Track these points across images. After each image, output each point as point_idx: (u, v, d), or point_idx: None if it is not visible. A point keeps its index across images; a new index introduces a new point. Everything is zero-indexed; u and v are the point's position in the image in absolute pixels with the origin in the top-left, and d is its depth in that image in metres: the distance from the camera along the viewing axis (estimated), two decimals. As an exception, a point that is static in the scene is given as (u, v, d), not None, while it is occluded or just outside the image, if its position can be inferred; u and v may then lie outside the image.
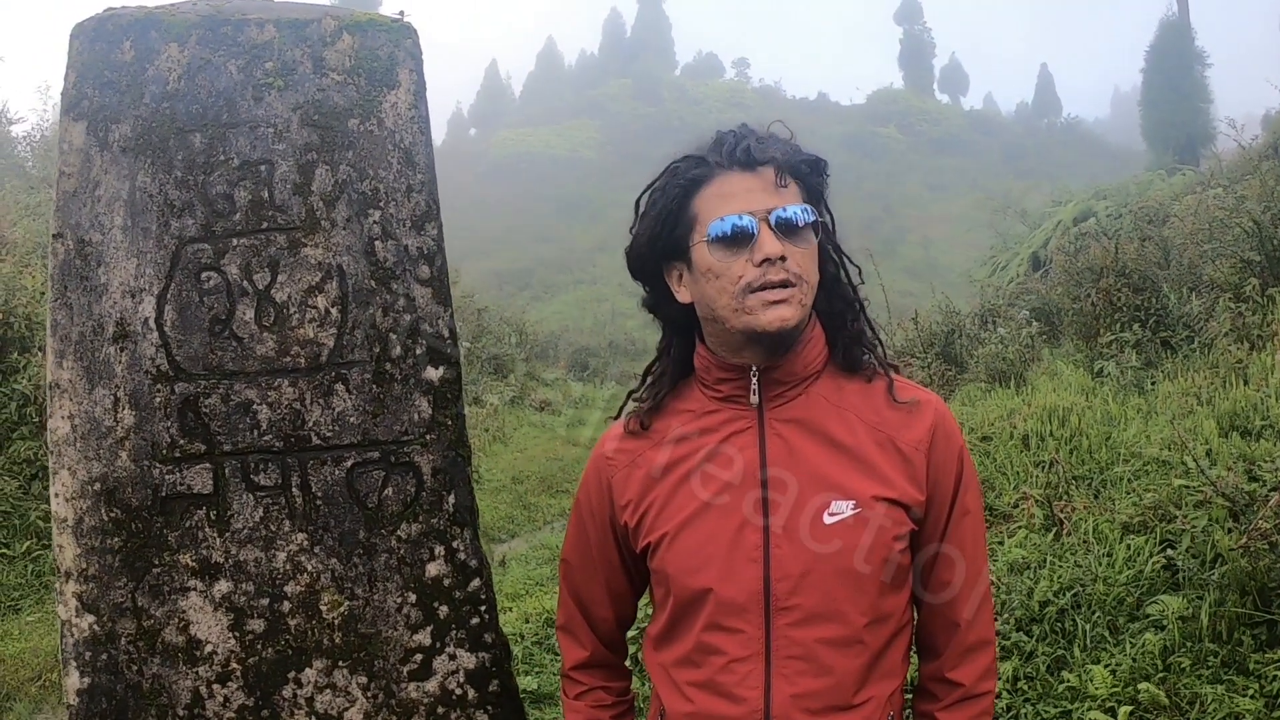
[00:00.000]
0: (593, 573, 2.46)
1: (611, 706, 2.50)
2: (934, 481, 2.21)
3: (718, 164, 2.16)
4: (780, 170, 2.13)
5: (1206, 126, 37.02)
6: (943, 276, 28.48)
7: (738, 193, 2.12)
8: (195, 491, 2.64)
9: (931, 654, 2.31)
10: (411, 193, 2.71)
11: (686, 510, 2.21)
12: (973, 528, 2.26)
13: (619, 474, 2.34)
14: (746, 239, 2.10)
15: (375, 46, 2.75)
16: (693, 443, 2.26)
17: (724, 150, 2.16)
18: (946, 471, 2.23)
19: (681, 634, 2.23)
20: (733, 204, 2.12)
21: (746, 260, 2.10)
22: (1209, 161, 25.04)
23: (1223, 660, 4.57)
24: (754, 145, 2.14)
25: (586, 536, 2.45)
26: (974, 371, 12.04)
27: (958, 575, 2.24)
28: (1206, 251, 11.32)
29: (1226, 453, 6.22)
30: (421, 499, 2.71)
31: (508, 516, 13.18)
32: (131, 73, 2.68)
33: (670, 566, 2.21)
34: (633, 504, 2.30)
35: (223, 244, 2.65)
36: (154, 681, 2.65)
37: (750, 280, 2.10)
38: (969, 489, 2.26)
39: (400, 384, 2.69)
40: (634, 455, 2.33)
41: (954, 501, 2.24)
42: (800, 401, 2.23)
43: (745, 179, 2.13)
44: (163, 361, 2.63)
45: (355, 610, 2.69)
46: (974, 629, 2.26)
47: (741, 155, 2.13)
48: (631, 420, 2.39)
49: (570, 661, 2.53)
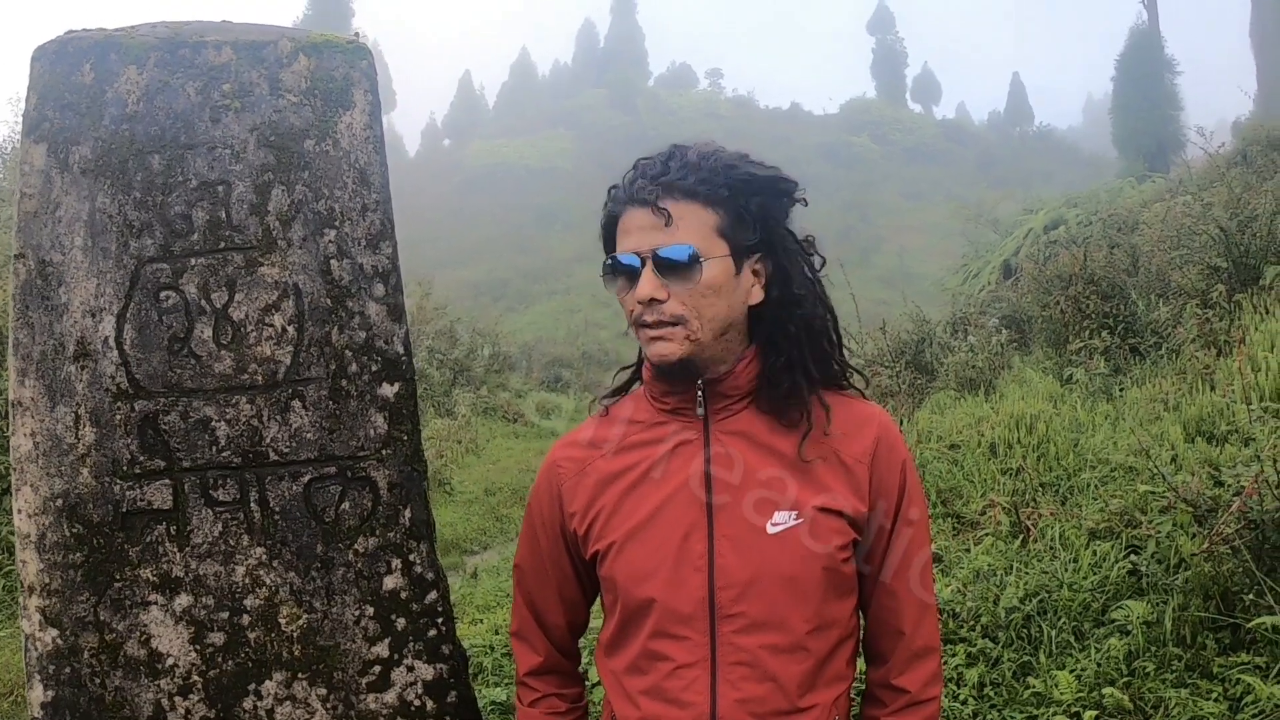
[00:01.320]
0: (544, 579, 2.49)
1: (565, 714, 2.53)
2: (877, 493, 2.25)
3: (623, 200, 2.21)
4: (665, 210, 2.14)
5: (1176, 134, 37.20)
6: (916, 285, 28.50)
7: (632, 230, 2.17)
8: (155, 507, 2.67)
9: (878, 660, 2.35)
10: (366, 212, 2.75)
11: (633, 519, 2.25)
12: (916, 538, 2.30)
13: (568, 482, 2.38)
14: (634, 276, 2.16)
15: (331, 68, 2.78)
16: (640, 452, 2.30)
17: (626, 184, 2.21)
18: (889, 483, 2.26)
19: (629, 641, 2.27)
20: (627, 241, 2.18)
21: (634, 295, 2.16)
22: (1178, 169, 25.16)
23: (1186, 664, 4.62)
24: (643, 183, 2.17)
25: (538, 543, 2.48)
26: (944, 380, 12.09)
27: (901, 584, 2.29)
28: (1174, 258, 11.42)
29: (1192, 458, 6.28)
30: (378, 513, 2.73)
31: (479, 528, 13.16)
32: (91, 95, 2.70)
33: (618, 575, 2.25)
34: (580, 512, 2.34)
35: (181, 264, 2.68)
36: (117, 694, 2.67)
37: (635, 315, 2.17)
38: (913, 501, 2.30)
39: (356, 400, 2.72)
40: (583, 464, 2.37)
41: (897, 512, 2.28)
42: (745, 414, 2.27)
43: (641, 215, 2.16)
44: (123, 379, 2.66)
45: (314, 623, 2.72)
46: (919, 636, 2.30)
47: (635, 192, 2.17)
48: (581, 427, 2.45)
49: (525, 667, 2.55)
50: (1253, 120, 26.69)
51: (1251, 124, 24.19)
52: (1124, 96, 40.20)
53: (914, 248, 62.45)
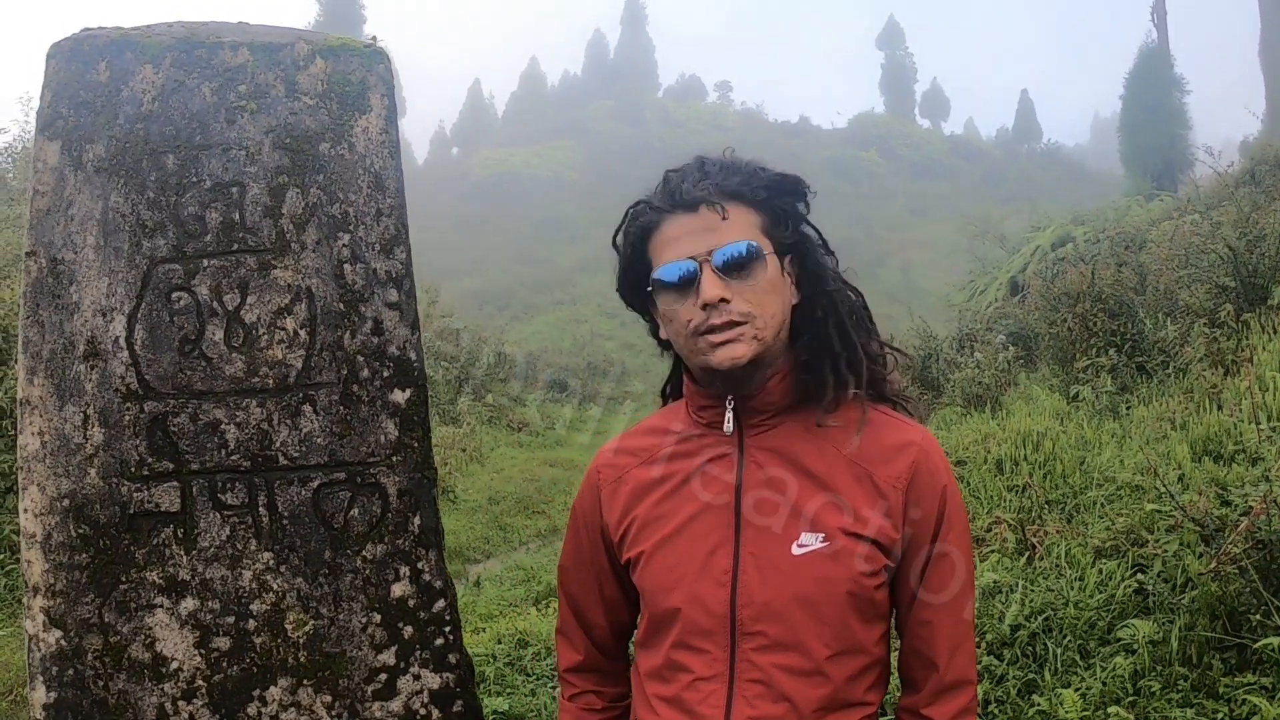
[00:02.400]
0: (585, 578, 2.49)
1: (602, 711, 2.52)
2: (911, 519, 2.19)
3: (662, 209, 2.18)
4: (716, 206, 2.13)
5: (1185, 153, 37.20)
6: (922, 300, 28.55)
7: (680, 236, 2.14)
8: (163, 509, 2.66)
9: (911, 688, 2.30)
10: (381, 217, 2.74)
11: (664, 530, 2.24)
12: (955, 569, 2.23)
13: (606, 488, 2.39)
14: (691, 282, 2.12)
15: (348, 71, 2.78)
16: (676, 464, 2.29)
17: (667, 193, 2.18)
18: (926, 510, 2.21)
19: (655, 648, 2.27)
20: (676, 248, 2.14)
21: (692, 303, 2.12)
22: (1186, 188, 25.15)
23: (1192, 684, 4.59)
24: (688, 186, 2.15)
25: (580, 543, 2.48)
26: (950, 395, 12.09)
27: (935, 616, 2.23)
28: (1182, 277, 11.40)
29: (1199, 478, 6.25)
30: (387, 520, 2.73)
31: (483, 537, 13.15)
32: (106, 93, 2.70)
33: (646, 583, 2.26)
34: (617, 519, 2.34)
35: (193, 265, 2.67)
36: (120, 697, 2.66)
37: (697, 324, 2.12)
38: (953, 528, 2.24)
39: (367, 406, 2.72)
40: (622, 471, 2.37)
41: (934, 541, 2.22)
42: (780, 430, 2.24)
43: (687, 221, 2.14)
44: (132, 380, 2.65)
45: (320, 629, 2.71)
46: (952, 669, 2.24)
47: (679, 198, 2.15)
48: (626, 434, 2.46)
49: (565, 664, 2.56)
50: (1261, 140, 26.62)
51: (1260, 144, 24.15)
52: (1132, 115, 40.16)
53: (920, 263, 62.46)
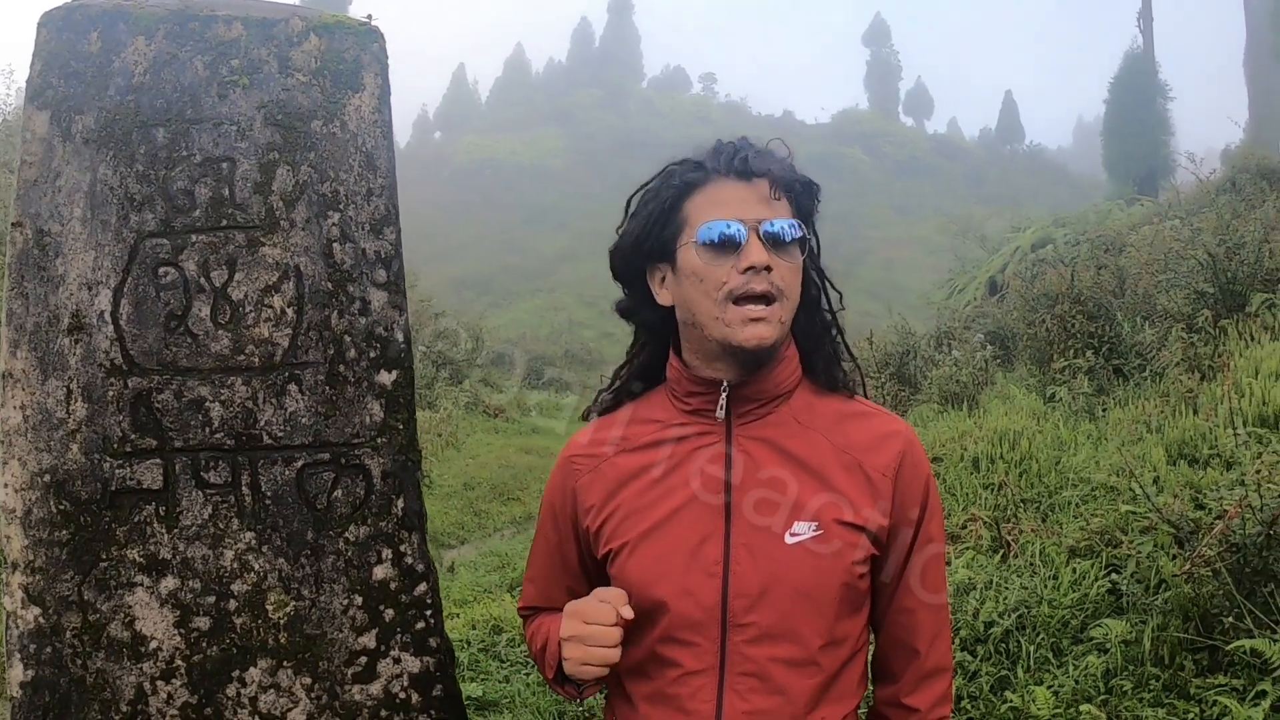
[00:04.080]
0: (555, 574, 2.44)
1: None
2: (899, 508, 2.21)
3: (714, 170, 2.17)
4: (775, 184, 2.15)
5: (1167, 159, 37.34)
6: (903, 298, 28.61)
7: (730, 201, 2.14)
8: (145, 487, 2.63)
9: (889, 679, 2.31)
10: (371, 196, 2.72)
11: (649, 520, 2.20)
12: (935, 555, 2.26)
13: (584, 478, 2.33)
14: (734, 246, 2.10)
15: (341, 49, 2.75)
16: (659, 452, 2.25)
17: (722, 158, 2.17)
18: (912, 499, 2.23)
19: (636, 643, 2.21)
20: (725, 210, 2.13)
21: (732, 267, 2.10)
22: (1167, 193, 25.31)
23: (1164, 684, 4.63)
24: (752, 156, 2.15)
25: (549, 537, 2.44)
26: (927, 393, 12.13)
27: (918, 603, 2.25)
28: (1161, 282, 11.50)
29: (1174, 480, 6.32)
30: (370, 502, 2.71)
31: (458, 522, 13.13)
32: (97, 64, 2.67)
33: (630, 575, 2.20)
34: (595, 509, 2.28)
35: (181, 240, 2.64)
36: (98, 676, 2.64)
37: (734, 287, 2.10)
38: (933, 518, 2.26)
39: (353, 386, 2.69)
40: (600, 460, 2.32)
41: (918, 529, 2.23)
42: (770, 419, 2.23)
43: (739, 188, 2.14)
44: (117, 355, 2.63)
45: (301, 611, 2.69)
46: (933, 655, 2.26)
47: (739, 165, 2.15)
48: (599, 422, 2.40)
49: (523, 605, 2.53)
50: (1243, 148, 26.80)
51: (1242, 152, 24.30)
52: (1116, 120, 40.30)
53: (901, 261, 62.56)
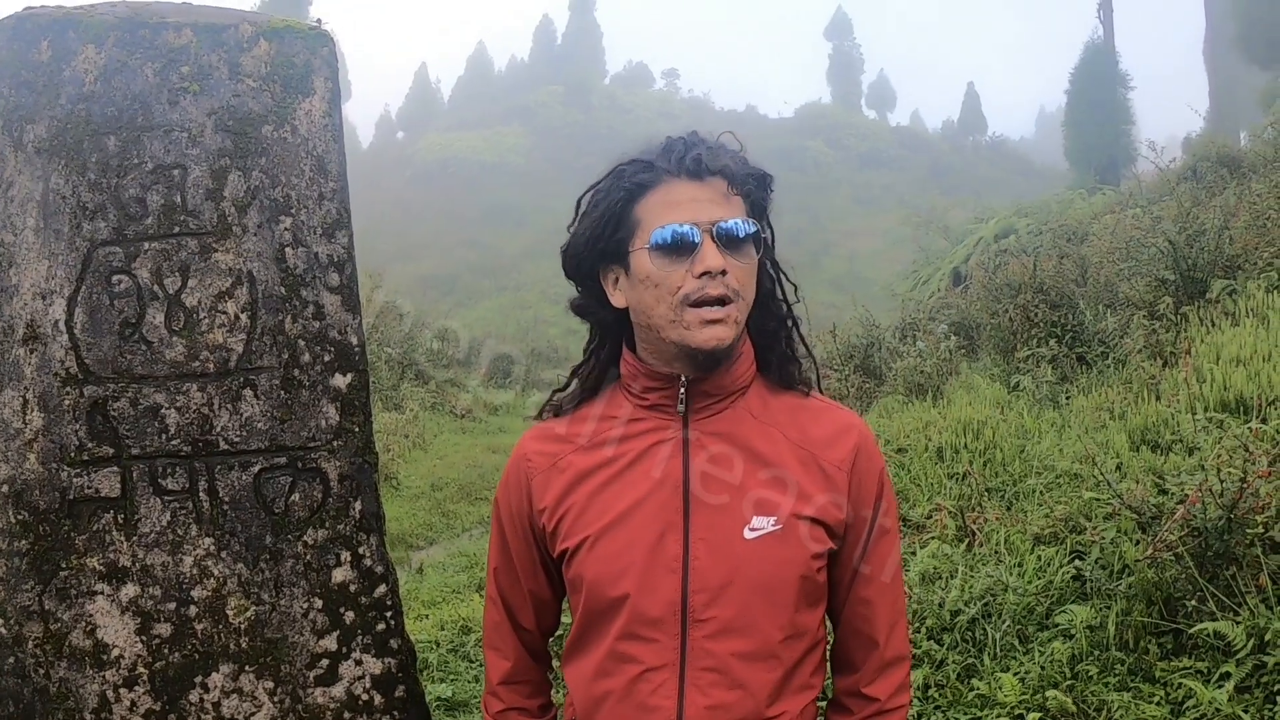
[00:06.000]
0: (515, 578, 2.42)
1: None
2: (854, 501, 2.21)
3: (665, 170, 2.12)
4: (729, 181, 2.11)
5: (1128, 148, 37.42)
6: (867, 290, 28.61)
7: (683, 201, 2.10)
8: (103, 495, 2.63)
9: (848, 669, 2.32)
10: (323, 200, 2.72)
11: (607, 517, 2.18)
12: (890, 547, 2.27)
13: (539, 476, 2.30)
14: (689, 249, 2.07)
15: (291, 54, 2.75)
16: (615, 449, 2.24)
17: (673, 157, 2.13)
18: (867, 492, 2.23)
19: (595, 642, 2.21)
20: (677, 212, 2.09)
21: (686, 271, 2.07)
22: (1129, 182, 25.40)
23: (1129, 668, 4.68)
24: (705, 154, 2.11)
25: (506, 542, 2.41)
26: (892, 384, 12.16)
27: (876, 593, 2.26)
28: (1123, 270, 11.57)
29: (1136, 466, 6.37)
30: (328, 505, 2.71)
31: (426, 523, 13.04)
32: (48, 73, 2.66)
33: (588, 572, 2.18)
34: (550, 507, 2.26)
35: (134, 248, 2.64)
36: (61, 685, 2.64)
37: (689, 292, 2.08)
38: (888, 510, 2.27)
39: (308, 390, 2.70)
40: (554, 458, 2.29)
41: (873, 521, 2.24)
42: (726, 415, 2.22)
43: (692, 188, 2.11)
44: (72, 364, 2.62)
45: (262, 615, 2.69)
46: (891, 645, 2.27)
47: (691, 164, 2.11)
48: (552, 421, 2.37)
49: (495, 676, 2.48)
50: (1203, 136, 26.98)
51: (1202, 140, 24.47)
52: (1077, 109, 40.36)
53: (865, 253, 62.63)
